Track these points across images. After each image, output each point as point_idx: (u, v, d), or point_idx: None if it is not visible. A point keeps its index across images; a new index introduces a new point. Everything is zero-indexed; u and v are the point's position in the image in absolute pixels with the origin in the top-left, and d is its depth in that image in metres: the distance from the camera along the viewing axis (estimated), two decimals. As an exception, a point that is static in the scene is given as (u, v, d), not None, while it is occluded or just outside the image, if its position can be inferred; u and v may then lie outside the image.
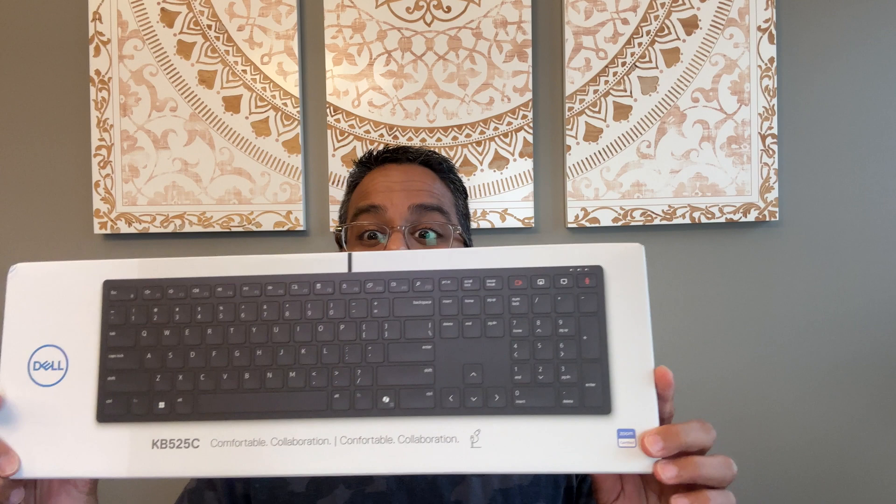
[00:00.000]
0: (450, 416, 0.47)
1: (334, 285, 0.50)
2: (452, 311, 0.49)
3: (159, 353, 0.49)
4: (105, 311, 0.50)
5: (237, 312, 0.50)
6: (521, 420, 0.47)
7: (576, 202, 1.18)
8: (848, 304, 1.19)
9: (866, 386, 1.18)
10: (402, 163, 0.81)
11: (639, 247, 0.49)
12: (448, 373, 0.48)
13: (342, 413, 0.47)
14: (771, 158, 1.16)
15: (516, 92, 1.18)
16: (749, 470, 1.18)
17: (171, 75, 1.19)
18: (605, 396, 0.47)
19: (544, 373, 0.47)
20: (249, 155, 1.19)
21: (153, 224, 1.19)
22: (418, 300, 0.49)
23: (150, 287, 0.50)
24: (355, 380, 0.48)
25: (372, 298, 0.49)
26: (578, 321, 0.48)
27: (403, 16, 1.19)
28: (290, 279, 0.50)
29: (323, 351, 0.49)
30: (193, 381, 0.49)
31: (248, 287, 0.50)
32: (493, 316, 0.49)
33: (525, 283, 0.49)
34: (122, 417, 0.48)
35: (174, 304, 0.50)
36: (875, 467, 1.18)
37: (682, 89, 1.17)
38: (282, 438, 0.47)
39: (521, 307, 0.49)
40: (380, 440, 0.47)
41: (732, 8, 1.17)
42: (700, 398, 1.19)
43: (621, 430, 0.46)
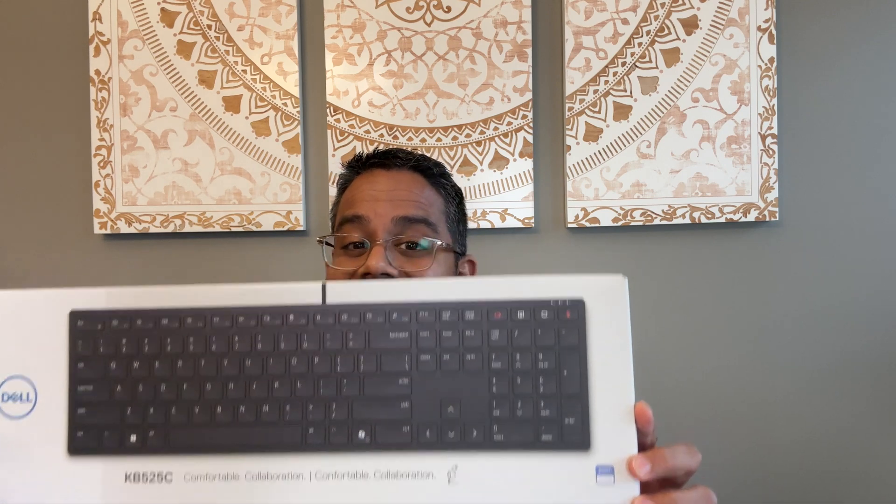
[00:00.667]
0: (427, 452, 0.46)
1: (308, 317, 0.49)
2: (430, 343, 0.48)
3: (129, 386, 0.48)
4: (73, 342, 0.49)
5: (207, 344, 0.48)
6: (499, 456, 0.46)
7: (576, 202, 1.18)
8: (847, 303, 1.19)
9: (866, 385, 1.18)
10: (391, 168, 0.80)
11: (622, 279, 0.49)
12: (425, 407, 0.47)
13: (317, 448, 0.47)
14: (771, 158, 1.16)
15: (516, 92, 1.18)
16: (748, 469, 1.18)
17: (171, 75, 1.19)
18: (584, 432, 0.46)
19: (523, 408, 0.47)
20: (249, 155, 1.19)
21: (153, 224, 1.19)
22: (395, 332, 0.48)
23: (117, 318, 0.49)
24: (330, 414, 0.47)
25: (347, 331, 0.48)
26: (559, 355, 0.47)
27: (403, 16, 1.19)
28: (263, 310, 0.49)
29: (297, 384, 0.48)
30: (165, 415, 0.48)
31: (218, 318, 0.49)
32: (472, 349, 0.48)
33: (504, 316, 0.48)
34: (94, 450, 0.47)
35: (143, 334, 0.49)
36: (874, 466, 1.18)
37: (682, 89, 1.17)
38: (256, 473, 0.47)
39: (500, 341, 0.48)
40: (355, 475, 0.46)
41: (732, 8, 1.17)
42: (699, 398, 1.19)
43: (600, 467, 0.46)
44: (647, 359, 1.19)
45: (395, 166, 0.80)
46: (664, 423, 1.27)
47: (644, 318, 1.19)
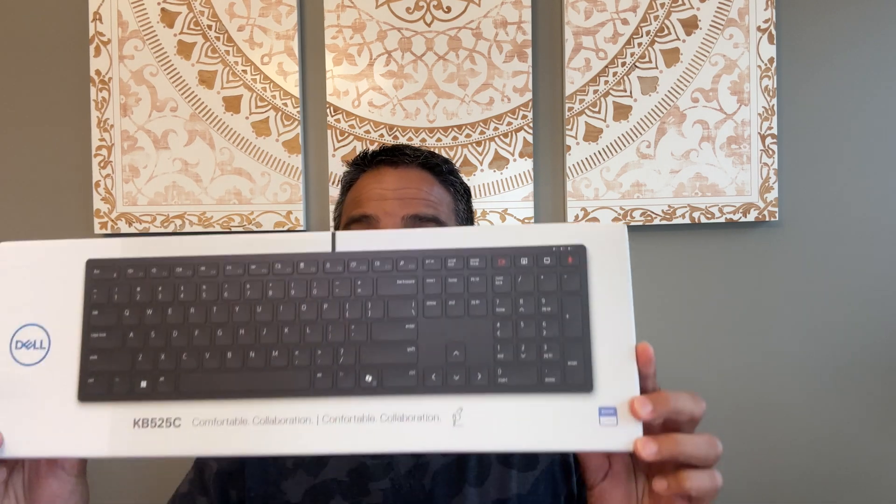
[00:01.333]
0: (432, 395, 0.47)
1: (318, 264, 0.50)
2: (436, 290, 0.49)
3: (142, 333, 0.49)
4: (88, 291, 0.50)
5: (220, 291, 0.49)
6: (503, 398, 0.47)
7: (576, 202, 1.18)
8: (847, 303, 1.19)
9: (866, 385, 1.18)
10: (399, 166, 0.78)
11: (622, 226, 0.49)
12: (431, 352, 0.48)
13: (325, 392, 0.47)
14: (771, 158, 1.16)
15: (516, 92, 1.18)
16: (749, 469, 1.18)
17: (172, 75, 1.19)
18: (586, 374, 0.47)
19: (527, 351, 0.47)
20: (249, 155, 1.19)
21: (153, 224, 1.19)
22: (402, 279, 0.49)
23: (132, 266, 0.50)
24: (338, 359, 0.48)
25: (355, 278, 0.49)
26: (561, 300, 0.48)
27: (403, 16, 1.19)
28: (274, 258, 0.50)
29: (306, 330, 0.48)
30: (176, 361, 0.48)
31: (231, 266, 0.50)
32: (477, 295, 0.49)
33: (508, 263, 0.49)
34: (103, 396, 0.48)
35: (157, 282, 0.50)
36: (874, 466, 1.18)
37: (681, 89, 1.17)
38: (264, 417, 0.47)
39: (503, 286, 0.49)
40: (362, 419, 0.47)
41: (732, 8, 1.17)
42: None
43: (602, 409, 0.46)
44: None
45: (402, 163, 0.78)
46: (664, 422, 1.26)
47: (644, 317, 1.18)
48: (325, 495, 0.72)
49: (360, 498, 0.71)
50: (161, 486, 1.20)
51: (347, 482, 0.72)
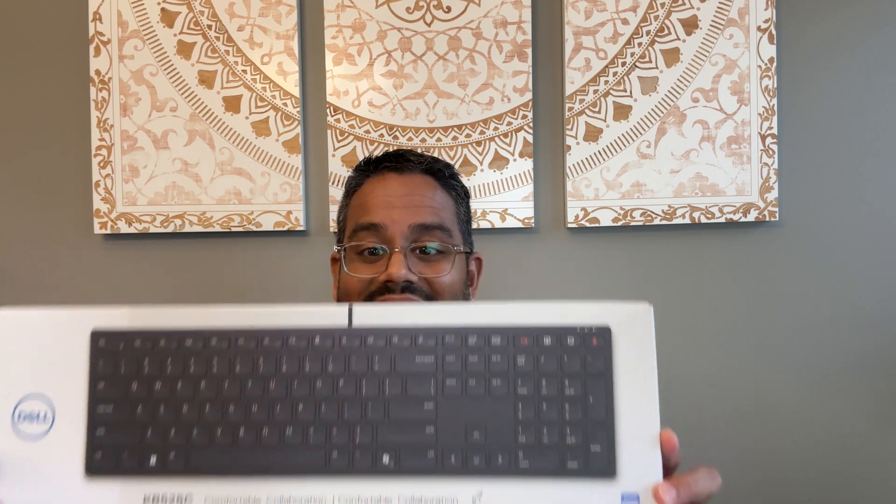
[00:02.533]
0: (451, 477, 0.46)
1: (334, 339, 0.48)
2: (456, 368, 0.48)
3: (150, 406, 0.48)
4: (93, 362, 0.49)
5: (232, 365, 0.48)
6: (524, 482, 0.46)
7: (576, 202, 1.18)
8: (848, 303, 1.19)
9: (867, 385, 1.18)
10: (403, 172, 0.80)
11: (648, 308, 0.49)
12: (450, 432, 0.47)
13: (341, 472, 0.46)
14: (771, 158, 1.16)
15: (516, 92, 1.18)
16: (749, 469, 1.18)
17: (172, 75, 1.19)
18: (609, 460, 0.46)
19: (549, 435, 0.46)
20: (249, 155, 1.19)
21: (153, 224, 1.19)
22: (420, 356, 0.48)
23: (140, 337, 0.49)
24: (354, 437, 0.47)
25: (372, 353, 0.48)
26: (585, 382, 0.47)
27: (403, 16, 1.19)
28: (288, 332, 0.49)
29: (321, 407, 0.47)
30: (186, 436, 0.47)
31: (243, 339, 0.49)
32: (498, 374, 0.47)
33: (531, 342, 0.48)
34: (112, 471, 0.47)
35: (166, 355, 0.48)
36: (875, 466, 1.18)
37: (681, 89, 1.17)
38: (278, 497, 0.46)
39: (526, 366, 0.48)
40: (379, 500, 0.46)
41: (732, 8, 1.17)
42: (699, 397, 1.19)
43: (625, 494, 0.45)
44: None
45: (407, 170, 0.80)
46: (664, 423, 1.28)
47: (644, 318, 1.19)
48: None
49: None
50: None
51: None
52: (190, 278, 1.22)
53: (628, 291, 1.19)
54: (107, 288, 1.22)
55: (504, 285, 1.20)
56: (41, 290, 1.23)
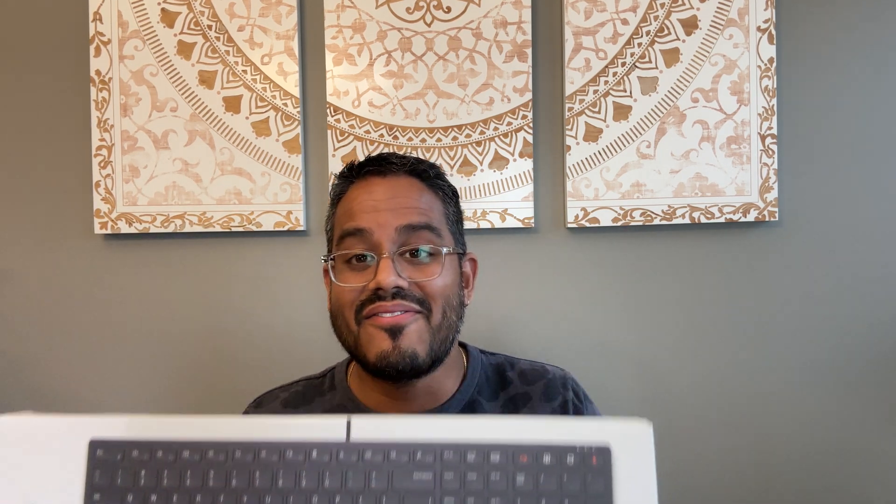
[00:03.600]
0: None
1: (331, 453, 0.48)
2: (454, 486, 0.47)
3: None
4: (90, 472, 0.48)
5: (228, 478, 0.48)
6: None
7: (576, 202, 1.18)
8: (847, 303, 1.19)
9: (865, 384, 1.19)
10: (387, 175, 0.78)
11: (647, 426, 0.48)
12: None
13: None
14: (770, 158, 1.16)
15: (516, 92, 1.18)
16: (748, 467, 1.18)
17: (172, 75, 1.20)
18: None
19: None
20: (249, 155, 1.19)
21: (153, 224, 1.19)
22: (419, 473, 0.47)
23: (138, 448, 0.48)
24: None
25: (370, 469, 0.47)
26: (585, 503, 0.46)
27: (403, 16, 1.19)
28: (286, 445, 0.48)
29: None
30: None
31: (240, 452, 0.48)
32: (497, 493, 0.47)
33: (530, 459, 0.47)
34: None
35: (162, 467, 0.48)
36: (875, 466, 1.18)
37: (681, 89, 1.17)
38: None
39: (525, 485, 0.47)
40: None
41: (732, 8, 1.17)
42: (699, 397, 1.19)
43: None
44: (647, 359, 1.19)
45: (390, 172, 0.78)
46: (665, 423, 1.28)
47: (644, 318, 1.19)
48: None
49: None
50: None
51: None
52: (190, 278, 1.22)
53: (628, 291, 1.19)
54: (107, 288, 1.22)
55: (504, 285, 1.20)
56: (41, 291, 1.23)
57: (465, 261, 0.84)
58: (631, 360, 1.19)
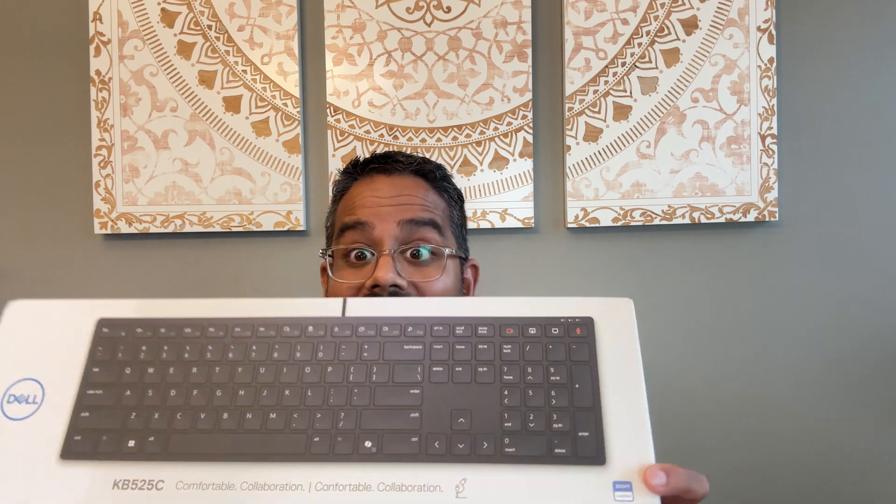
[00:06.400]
0: (435, 464, 0.45)
1: (326, 328, 0.49)
2: (443, 356, 0.48)
3: (139, 391, 0.48)
4: (93, 348, 0.50)
5: (225, 352, 0.49)
6: (510, 469, 0.44)
7: (576, 202, 1.18)
8: (847, 303, 1.19)
9: (866, 385, 1.19)
10: (392, 174, 0.75)
11: (628, 301, 0.50)
12: (435, 418, 0.46)
13: (320, 457, 0.45)
14: (770, 158, 1.16)
15: (516, 92, 1.18)
16: (747, 467, 1.19)
17: (172, 75, 1.19)
18: (598, 446, 0.45)
19: (535, 420, 0.46)
20: (249, 155, 1.19)
21: (153, 224, 1.19)
22: (409, 345, 0.49)
23: (142, 325, 0.50)
24: (337, 423, 0.46)
25: (363, 342, 0.49)
26: (570, 369, 0.48)
27: (403, 16, 1.19)
28: (283, 321, 0.50)
29: (307, 393, 0.47)
30: (168, 420, 0.47)
31: (240, 328, 0.50)
32: (484, 362, 0.48)
33: (516, 332, 0.49)
34: (86, 455, 0.46)
35: (163, 342, 0.49)
36: (875, 466, 1.18)
37: (681, 89, 1.17)
38: (253, 483, 0.44)
39: (512, 354, 0.48)
40: (357, 487, 0.44)
41: (732, 8, 1.17)
42: (699, 397, 1.19)
43: (617, 483, 0.44)
44: (647, 359, 1.19)
45: (396, 171, 0.76)
46: (665, 422, 1.28)
47: (644, 318, 1.19)
48: None
49: None
50: None
51: None
52: (190, 278, 1.22)
53: (628, 291, 1.19)
54: (107, 288, 1.22)
55: (504, 285, 1.20)
56: (41, 291, 1.23)
57: (466, 266, 0.81)
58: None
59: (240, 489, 0.44)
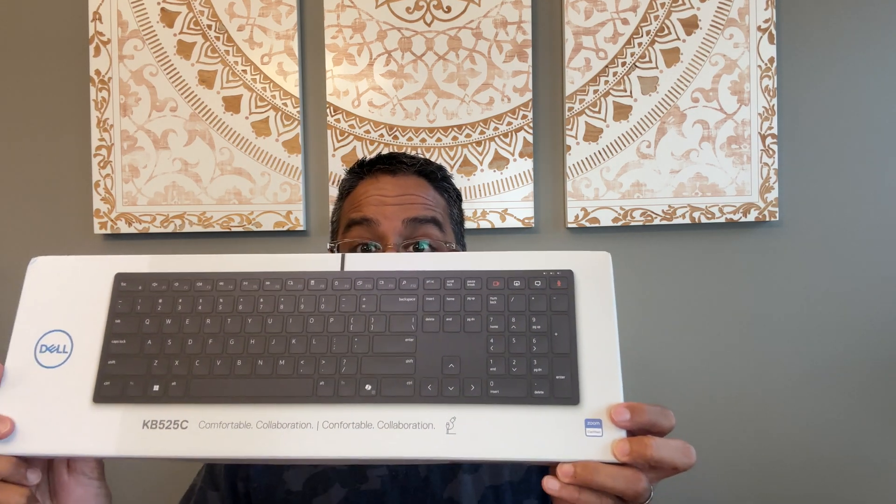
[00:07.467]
0: (427, 404, 0.50)
1: (327, 282, 0.54)
2: (434, 307, 0.53)
3: (159, 340, 0.52)
4: (113, 301, 0.54)
5: (235, 304, 0.53)
6: (494, 409, 0.49)
7: (576, 202, 1.18)
8: (847, 303, 1.19)
9: (866, 385, 1.18)
10: (397, 174, 0.80)
11: (606, 255, 0.54)
12: (428, 364, 0.51)
13: (326, 399, 0.50)
14: (771, 158, 1.16)
15: (516, 92, 1.18)
16: (747, 467, 1.18)
17: (172, 75, 1.19)
18: (573, 388, 0.50)
19: (518, 365, 0.51)
20: (249, 155, 1.19)
21: (153, 224, 1.19)
22: (404, 297, 0.53)
23: (157, 280, 0.54)
24: (340, 368, 0.51)
25: (361, 295, 0.53)
26: (550, 319, 0.52)
27: (403, 16, 1.19)
28: (287, 276, 0.54)
29: (312, 341, 0.52)
30: (188, 367, 0.51)
31: (247, 282, 0.54)
32: (472, 313, 0.52)
33: (502, 284, 0.53)
34: (116, 399, 0.51)
35: (178, 295, 0.54)
36: (875, 466, 1.18)
37: (682, 89, 1.17)
38: (267, 422, 0.49)
39: (497, 305, 0.52)
40: (360, 425, 0.49)
41: (732, 8, 1.17)
42: (699, 397, 1.19)
43: (588, 420, 0.49)
44: (648, 359, 1.19)
45: (400, 171, 0.81)
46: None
47: (644, 318, 1.19)
48: (325, 483, 0.74)
49: (358, 485, 0.73)
50: (173, 484, 1.20)
51: (346, 470, 0.75)
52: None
53: (628, 291, 1.19)
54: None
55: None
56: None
57: None
58: (631, 359, 1.19)
59: (255, 427, 0.49)
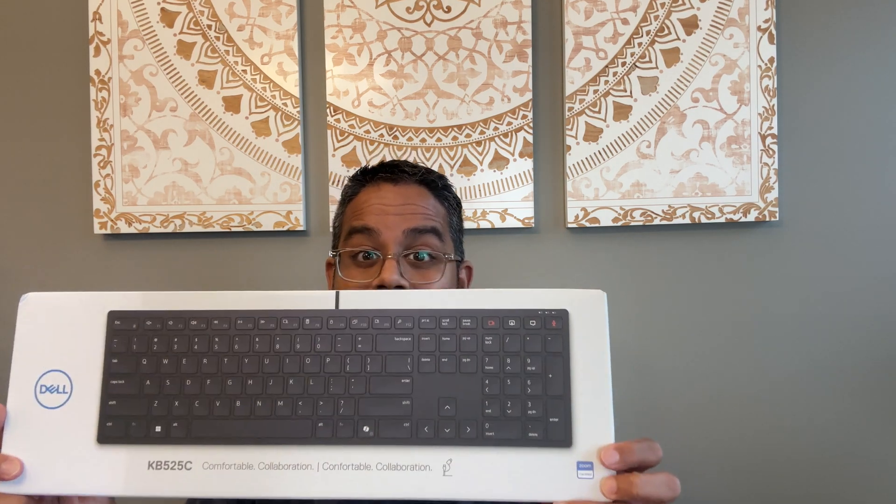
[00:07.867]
0: (424, 446, 0.51)
1: (322, 321, 0.54)
2: (430, 347, 0.53)
3: (158, 380, 0.53)
4: (108, 340, 0.54)
5: (231, 344, 0.54)
6: (490, 451, 0.51)
7: (576, 202, 1.18)
8: (847, 303, 1.19)
9: (866, 386, 1.18)
10: (398, 182, 0.81)
11: (601, 293, 0.54)
12: (424, 405, 0.52)
13: (325, 441, 0.51)
14: (771, 158, 1.16)
15: (516, 92, 1.18)
16: (747, 467, 1.18)
17: (171, 75, 1.19)
18: (566, 431, 0.51)
19: (512, 407, 0.51)
20: (249, 155, 1.19)
21: (153, 224, 1.19)
22: (399, 337, 0.53)
23: (151, 318, 0.55)
24: (338, 409, 0.52)
25: (356, 334, 0.54)
26: (545, 360, 0.52)
27: (403, 16, 1.19)
28: (282, 314, 0.54)
29: (309, 382, 0.52)
30: (188, 407, 0.52)
31: (242, 320, 0.55)
32: (468, 353, 0.53)
33: (497, 324, 0.53)
34: (120, 439, 0.52)
35: (173, 334, 0.54)
36: (875, 466, 1.18)
37: (682, 89, 1.17)
38: (268, 463, 0.51)
39: (493, 346, 0.53)
40: (359, 467, 0.50)
41: (732, 8, 1.17)
42: (699, 397, 1.19)
43: (581, 463, 0.50)
44: (648, 359, 1.19)
45: (402, 180, 0.81)
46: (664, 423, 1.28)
47: (644, 318, 1.19)
48: None
49: None
50: None
51: None
52: (190, 278, 1.22)
53: (628, 291, 1.19)
54: (107, 288, 1.22)
55: (504, 286, 1.20)
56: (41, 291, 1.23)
57: (461, 268, 0.88)
58: (630, 359, 1.19)
59: (258, 468, 0.51)
